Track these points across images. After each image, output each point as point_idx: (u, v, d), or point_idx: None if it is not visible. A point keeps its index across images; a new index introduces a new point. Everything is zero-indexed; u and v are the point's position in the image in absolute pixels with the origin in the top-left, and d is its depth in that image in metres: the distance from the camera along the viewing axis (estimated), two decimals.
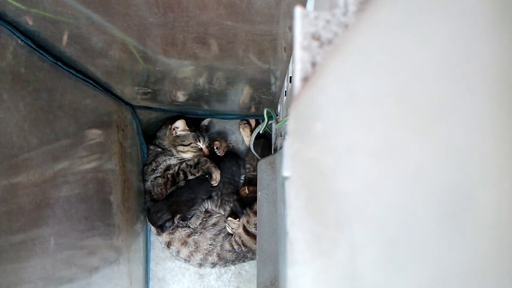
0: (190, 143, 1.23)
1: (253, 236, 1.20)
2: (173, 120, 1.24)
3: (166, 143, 1.25)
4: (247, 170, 1.30)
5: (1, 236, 0.56)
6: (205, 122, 1.33)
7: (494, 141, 0.14)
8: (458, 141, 0.15)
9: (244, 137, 1.36)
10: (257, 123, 1.34)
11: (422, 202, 0.17)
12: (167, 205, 1.18)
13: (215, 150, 1.28)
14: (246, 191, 1.25)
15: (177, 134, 1.23)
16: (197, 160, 1.23)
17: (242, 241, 1.21)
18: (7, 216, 0.58)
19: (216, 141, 1.30)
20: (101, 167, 0.94)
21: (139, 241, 1.25)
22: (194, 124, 1.27)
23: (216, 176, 1.22)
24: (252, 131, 1.31)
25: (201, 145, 1.24)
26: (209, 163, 1.23)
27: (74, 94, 0.80)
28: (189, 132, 1.23)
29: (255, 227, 1.17)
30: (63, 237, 0.75)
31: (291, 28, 0.58)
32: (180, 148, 1.22)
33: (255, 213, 1.18)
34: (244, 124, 1.34)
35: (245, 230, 1.20)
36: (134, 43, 0.67)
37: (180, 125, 1.23)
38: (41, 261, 0.67)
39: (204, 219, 1.26)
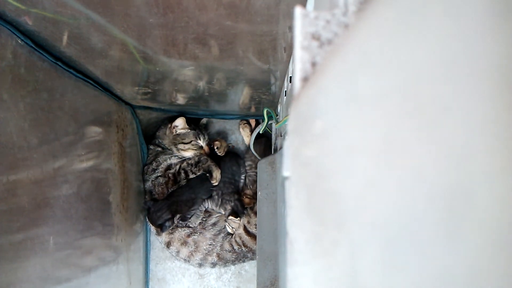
0: (191, 141, 1.23)
1: (254, 236, 1.20)
2: (172, 119, 1.24)
3: (166, 142, 1.25)
4: (247, 168, 1.29)
5: (0, 235, 0.56)
6: (204, 120, 1.33)
7: (494, 141, 0.14)
8: (458, 141, 0.15)
9: (244, 137, 1.36)
10: (257, 123, 1.34)
11: (422, 202, 0.17)
12: (167, 204, 1.18)
13: (216, 150, 1.28)
14: (248, 200, 1.25)
15: (177, 132, 1.24)
16: (197, 158, 1.23)
17: (242, 241, 1.21)
18: (6, 216, 0.58)
19: (217, 141, 1.30)
20: (100, 166, 0.94)
21: (138, 241, 1.25)
22: (193, 123, 1.28)
23: (217, 175, 1.23)
24: (252, 131, 1.31)
25: (202, 142, 1.25)
26: (209, 161, 1.23)
27: (74, 94, 0.80)
28: (189, 130, 1.24)
29: (256, 227, 1.17)
30: (62, 236, 0.75)
31: (291, 28, 0.58)
32: (181, 146, 1.22)
33: (256, 213, 1.18)
34: (244, 124, 1.34)
35: (246, 230, 1.20)
36: (134, 44, 0.67)
37: (180, 123, 1.23)
38: (40, 261, 0.67)
39: (204, 219, 1.26)
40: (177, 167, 1.22)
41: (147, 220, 1.25)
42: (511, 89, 0.13)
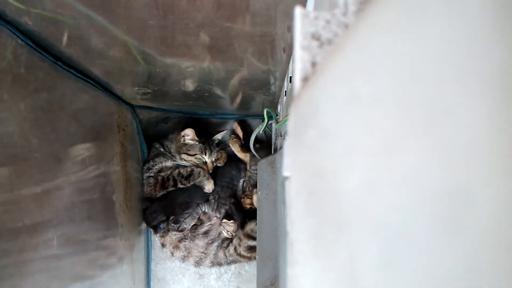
0: (195, 154, 1.21)
1: (244, 257, 1.20)
2: (187, 125, 1.23)
3: (173, 147, 1.24)
4: (253, 170, 1.28)
5: (4, 237, 0.56)
6: (219, 136, 1.28)
7: (494, 142, 0.14)
8: (458, 142, 0.15)
9: (235, 152, 1.30)
10: (245, 133, 1.30)
11: (421, 202, 0.17)
12: (162, 206, 1.18)
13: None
14: (249, 200, 1.25)
15: (185, 141, 1.22)
16: (190, 171, 1.21)
17: (236, 258, 1.23)
18: (10, 217, 0.58)
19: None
20: (103, 166, 0.94)
21: (141, 241, 1.25)
22: (205, 135, 1.25)
23: (209, 188, 1.22)
24: (241, 145, 1.29)
25: (206, 158, 1.22)
26: (201, 176, 1.21)
27: (74, 94, 0.80)
28: (197, 143, 1.22)
29: (247, 249, 1.18)
30: (66, 237, 0.75)
31: (290, 29, 0.58)
32: (184, 156, 1.21)
33: (247, 236, 1.18)
34: (233, 140, 1.29)
35: (237, 252, 1.21)
36: (135, 44, 0.67)
37: (189, 133, 1.21)
38: (45, 262, 0.67)
39: (195, 225, 1.25)
40: (168, 172, 1.21)
41: (143, 220, 1.24)
42: (510, 90, 0.13)
